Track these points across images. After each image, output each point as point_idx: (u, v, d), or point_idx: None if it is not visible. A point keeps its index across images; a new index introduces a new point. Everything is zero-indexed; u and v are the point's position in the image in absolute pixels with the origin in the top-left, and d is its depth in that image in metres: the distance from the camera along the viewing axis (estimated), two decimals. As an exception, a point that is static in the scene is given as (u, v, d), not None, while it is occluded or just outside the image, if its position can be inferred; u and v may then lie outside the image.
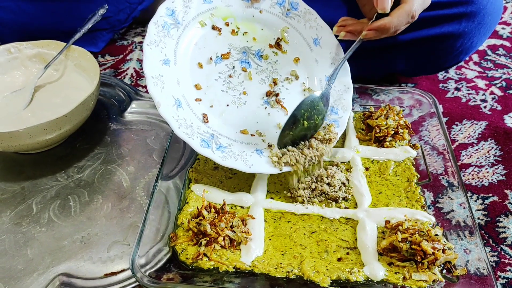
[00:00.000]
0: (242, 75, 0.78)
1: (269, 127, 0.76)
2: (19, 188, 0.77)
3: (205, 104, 0.73)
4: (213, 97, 0.74)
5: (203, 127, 0.71)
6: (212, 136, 0.71)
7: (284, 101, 0.78)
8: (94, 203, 0.75)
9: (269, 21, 0.81)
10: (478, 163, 0.85)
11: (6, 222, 0.72)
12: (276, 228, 0.68)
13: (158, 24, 0.70)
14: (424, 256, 0.60)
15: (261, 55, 0.80)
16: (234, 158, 0.70)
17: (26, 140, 0.73)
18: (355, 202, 0.72)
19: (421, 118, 0.85)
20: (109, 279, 0.64)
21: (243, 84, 0.77)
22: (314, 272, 0.61)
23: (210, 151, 0.68)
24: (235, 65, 0.78)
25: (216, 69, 0.76)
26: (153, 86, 0.67)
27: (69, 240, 0.69)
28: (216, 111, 0.74)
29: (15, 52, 0.89)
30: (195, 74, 0.74)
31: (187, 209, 0.69)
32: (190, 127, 0.69)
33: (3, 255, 0.67)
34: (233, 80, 0.77)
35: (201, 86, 0.74)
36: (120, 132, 0.88)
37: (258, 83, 0.79)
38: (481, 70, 1.10)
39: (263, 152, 0.72)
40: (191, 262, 0.62)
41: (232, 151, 0.71)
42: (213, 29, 0.77)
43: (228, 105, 0.75)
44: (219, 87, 0.76)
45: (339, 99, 0.79)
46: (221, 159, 0.68)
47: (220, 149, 0.70)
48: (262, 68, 0.80)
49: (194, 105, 0.72)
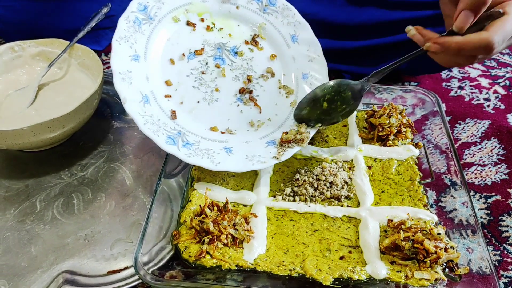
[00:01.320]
0: (216, 72, 0.77)
1: (241, 124, 0.75)
2: (23, 186, 0.77)
3: (175, 101, 0.73)
4: (184, 93, 0.74)
5: (171, 124, 0.70)
6: (179, 133, 0.70)
7: (258, 98, 0.78)
8: (98, 201, 0.75)
9: (246, 17, 0.80)
10: (481, 162, 0.85)
11: (10, 219, 0.72)
12: (279, 227, 0.68)
13: (129, 20, 0.70)
14: (426, 255, 0.60)
15: (236, 51, 0.79)
16: (201, 156, 0.69)
17: (30, 138, 0.73)
18: (357, 200, 0.72)
19: (424, 117, 0.85)
20: (112, 276, 0.64)
21: (216, 81, 0.77)
22: (317, 271, 0.61)
23: (175, 148, 0.68)
24: (208, 61, 0.77)
25: (189, 66, 0.76)
26: (120, 82, 0.66)
27: (72, 238, 0.69)
28: (186, 107, 0.73)
29: (19, 51, 0.90)
30: (166, 70, 0.74)
31: (190, 207, 0.69)
32: (156, 124, 0.68)
33: (7, 252, 0.67)
34: (206, 77, 0.76)
35: (172, 82, 0.73)
36: (123, 130, 0.88)
37: (232, 80, 0.78)
38: (484, 69, 1.09)
39: (231, 150, 0.72)
40: (194, 260, 0.62)
41: (199, 149, 0.70)
42: (187, 25, 0.77)
43: (199, 102, 0.74)
44: (190, 84, 0.75)
45: None
46: (186, 156, 0.68)
47: (186, 146, 0.69)
48: (237, 65, 0.79)
49: (162, 101, 0.71)
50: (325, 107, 0.69)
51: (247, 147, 0.73)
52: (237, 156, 0.71)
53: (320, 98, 0.69)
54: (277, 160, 0.71)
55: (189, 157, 0.68)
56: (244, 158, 0.71)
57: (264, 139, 0.74)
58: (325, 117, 0.71)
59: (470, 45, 0.64)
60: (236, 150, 0.72)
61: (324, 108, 0.69)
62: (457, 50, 0.64)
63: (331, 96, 0.69)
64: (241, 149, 0.72)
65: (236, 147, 0.72)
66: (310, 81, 0.80)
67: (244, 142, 0.73)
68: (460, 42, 0.64)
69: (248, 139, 0.74)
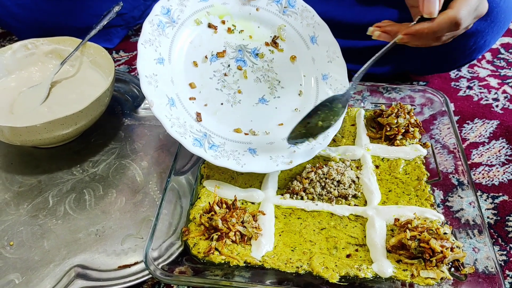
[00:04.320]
0: (238, 74, 0.78)
1: (264, 126, 0.76)
2: (36, 181, 0.79)
3: (199, 103, 0.73)
4: (208, 95, 0.74)
5: (196, 126, 0.71)
6: (205, 135, 0.71)
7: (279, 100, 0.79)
8: (109, 197, 0.76)
9: (266, 19, 0.81)
10: (489, 162, 0.85)
11: (23, 214, 0.74)
12: (286, 224, 0.69)
13: (153, 23, 0.70)
14: (432, 254, 0.60)
15: (257, 53, 0.80)
16: (227, 157, 0.70)
17: (43, 134, 0.75)
18: (364, 199, 0.73)
19: (432, 117, 0.85)
20: (123, 271, 0.66)
21: (238, 83, 0.77)
22: (323, 268, 0.61)
23: (202, 150, 0.68)
24: (230, 63, 0.78)
25: (211, 68, 0.76)
26: (147, 85, 0.67)
27: (84, 233, 0.71)
28: (210, 109, 0.74)
29: (32, 48, 0.91)
30: (190, 73, 0.74)
31: (199, 204, 0.70)
32: (183, 126, 0.69)
33: (20, 246, 0.69)
34: (228, 79, 0.77)
35: (196, 84, 0.74)
36: (134, 127, 0.89)
37: (254, 81, 0.79)
38: (493, 69, 1.09)
39: (256, 151, 0.72)
40: (202, 256, 0.63)
41: (224, 150, 0.71)
42: (209, 27, 0.77)
43: (222, 104, 0.75)
44: (213, 86, 0.76)
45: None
46: (213, 158, 0.69)
47: (212, 148, 0.70)
48: (258, 67, 0.79)
49: (188, 103, 0.72)
50: (320, 125, 0.71)
51: (271, 148, 0.74)
52: (262, 157, 0.72)
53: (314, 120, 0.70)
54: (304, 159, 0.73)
55: (216, 158, 0.69)
56: (269, 159, 0.72)
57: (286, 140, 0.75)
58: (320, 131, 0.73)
59: (441, 27, 0.66)
60: (260, 151, 0.73)
61: (318, 126, 0.71)
62: (430, 34, 0.66)
63: (325, 115, 0.71)
64: (265, 150, 0.73)
65: (260, 148, 0.73)
66: (329, 82, 0.80)
67: (267, 143, 0.74)
68: (431, 26, 0.66)
69: (271, 140, 0.75)
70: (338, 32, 0.99)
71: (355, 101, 0.91)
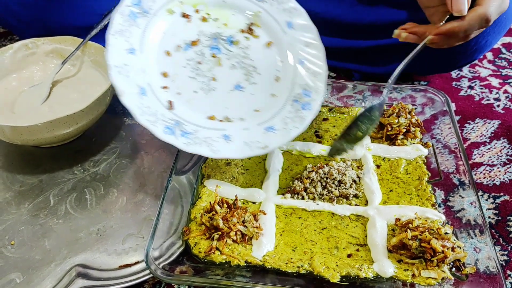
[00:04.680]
0: (212, 61, 0.77)
1: (239, 112, 0.75)
2: (37, 181, 0.79)
3: (172, 92, 0.73)
4: (181, 84, 0.74)
5: (168, 114, 0.70)
6: (177, 123, 0.70)
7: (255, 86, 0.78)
8: (110, 196, 0.76)
9: (241, 6, 0.80)
10: (490, 162, 0.85)
11: (24, 213, 0.74)
12: (287, 224, 0.69)
13: (124, 14, 0.70)
14: (433, 254, 0.60)
15: (232, 40, 0.79)
16: (199, 144, 0.69)
17: (44, 134, 0.75)
18: (365, 199, 0.72)
19: (433, 117, 0.85)
20: (124, 270, 0.66)
21: (212, 70, 0.76)
22: (324, 268, 0.61)
23: (173, 137, 0.68)
24: (204, 51, 0.77)
25: (185, 57, 0.76)
26: (117, 75, 0.67)
27: (85, 232, 0.71)
28: (184, 98, 0.73)
29: (33, 48, 0.91)
30: (163, 62, 0.74)
31: (200, 203, 0.70)
32: (154, 115, 0.68)
33: (21, 245, 0.69)
34: (202, 67, 0.76)
35: (169, 74, 0.73)
36: (135, 127, 0.89)
37: (229, 68, 0.77)
38: (495, 69, 1.09)
39: (230, 138, 0.71)
40: (203, 255, 0.63)
41: (197, 137, 0.70)
42: (182, 17, 0.76)
43: (196, 92, 0.74)
44: (187, 74, 0.75)
45: (313, 81, 0.78)
46: (185, 145, 0.68)
47: (184, 135, 0.69)
48: (233, 54, 0.78)
49: (160, 92, 0.72)
50: (360, 136, 0.70)
51: (246, 134, 0.73)
52: (236, 143, 0.71)
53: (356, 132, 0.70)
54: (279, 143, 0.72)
55: (188, 145, 0.68)
56: (243, 145, 0.71)
57: (262, 125, 0.74)
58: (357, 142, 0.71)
59: (472, 24, 0.65)
60: (234, 137, 0.72)
61: (358, 137, 0.70)
62: (461, 33, 0.65)
63: (365, 125, 0.70)
64: (240, 136, 0.72)
65: (234, 134, 0.72)
66: (307, 66, 0.79)
67: (243, 129, 0.74)
68: (462, 25, 0.65)
69: (247, 126, 0.74)
70: (339, 32, 0.99)
71: (356, 101, 0.91)
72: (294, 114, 0.76)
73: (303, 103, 0.77)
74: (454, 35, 0.67)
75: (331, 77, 1.06)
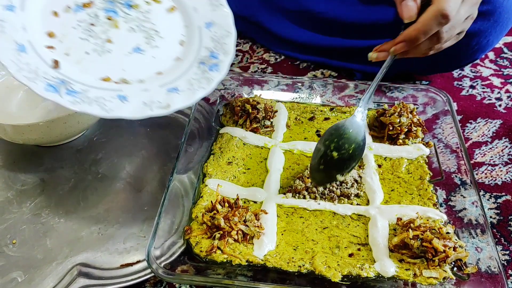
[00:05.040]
0: (107, 24, 0.74)
1: (138, 75, 0.72)
2: (38, 179, 0.79)
3: (59, 52, 0.70)
4: (70, 45, 0.71)
5: (52, 73, 0.67)
6: (62, 81, 0.66)
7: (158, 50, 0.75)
8: (111, 195, 0.76)
9: None
10: (492, 161, 0.85)
11: (26, 212, 0.74)
12: (289, 223, 0.69)
13: None
14: (435, 254, 0.60)
15: (131, 4, 0.76)
16: (88, 103, 0.65)
17: (46, 133, 0.75)
18: (367, 199, 0.72)
19: (435, 116, 0.85)
20: (125, 269, 0.66)
21: (108, 33, 0.74)
22: (326, 267, 0.62)
23: (57, 95, 0.64)
24: (98, 14, 0.74)
25: (75, 18, 0.73)
26: None
27: (86, 231, 0.71)
28: (73, 59, 0.70)
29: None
30: (49, 22, 0.71)
31: (202, 203, 0.70)
32: (33, 72, 0.65)
33: (23, 244, 0.69)
34: (96, 29, 0.73)
35: (56, 34, 0.71)
36: (137, 126, 0.89)
37: (127, 31, 0.75)
38: (496, 68, 1.09)
39: (126, 98, 0.68)
40: (205, 254, 0.63)
41: (87, 97, 0.66)
42: None
43: (88, 53, 0.71)
44: (77, 35, 0.72)
45: (220, 44, 0.77)
46: (70, 103, 0.64)
47: (71, 94, 0.65)
48: (132, 17, 0.76)
49: (43, 52, 0.68)
50: (336, 156, 0.68)
51: (146, 94, 0.70)
52: (133, 104, 0.68)
53: (327, 151, 0.68)
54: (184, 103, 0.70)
55: (74, 104, 0.64)
56: (142, 105, 0.68)
57: (164, 87, 0.72)
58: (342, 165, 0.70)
59: (426, 24, 0.64)
60: (132, 98, 0.69)
61: (335, 157, 0.68)
62: (420, 35, 0.65)
63: (336, 144, 0.69)
64: (138, 97, 0.69)
65: (132, 95, 0.69)
66: (214, 29, 0.78)
67: (141, 91, 0.71)
68: (416, 27, 0.64)
69: (147, 87, 0.71)
70: (340, 31, 0.99)
71: (358, 100, 0.91)
72: (201, 75, 0.74)
73: (211, 65, 0.75)
74: (413, 39, 0.66)
75: (332, 76, 1.06)
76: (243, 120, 0.84)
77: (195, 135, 0.81)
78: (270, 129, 0.85)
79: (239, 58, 1.13)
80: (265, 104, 0.85)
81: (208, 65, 0.75)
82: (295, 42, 1.07)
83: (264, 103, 0.85)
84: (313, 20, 1.02)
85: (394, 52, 0.68)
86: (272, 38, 1.11)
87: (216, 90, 0.90)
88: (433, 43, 0.69)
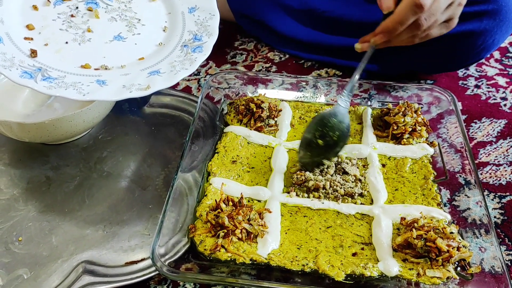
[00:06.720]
0: (87, 14, 0.75)
1: (119, 61, 0.73)
2: (44, 177, 0.79)
3: (38, 43, 0.71)
4: (50, 36, 0.72)
5: (29, 61, 0.68)
6: (39, 69, 0.67)
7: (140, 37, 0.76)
8: (116, 193, 0.77)
9: None
10: (496, 161, 0.85)
11: (32, 210, 0.74)
12: (292, 222, 0.69)
13: None
14: (438, 253, 0.61)
15: None
16: (65, 88, 0.66)
17: (52, 131, 0.75)
18: (371, 198, 0.73)
19: (440, 116, 0.85)
20: (130, 267, 0.66)
21: (88, 23, 0.74)
22: (329, 266, 0.62)
23: (32, 81, 0.65)
24: (79, 6, 0.75)
25: (55, 11, 0.74)
26: None
27: (91, 229, 0.71)
28: (52, 48, 0.71)
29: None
30: (28, 16, 0.72)
31: (206, 201, 0.71)
32: (9, 60, 0.66)
33: (29, 241, 0.70)
34: (76, 20, 0.74)
35: (35, 26, 0.71)
36: (141, 124, 0.90)
37: (108, 21, 0.76)
38: (502, 68, 1.08)
39: (105, 82, 0.69)
40: (209, 253, 0.64)
41: (63, 82, 0.67)
42: None
43: (67, 43, 0.72)
44: (57, 27, 0.73)
45: (204, 26, 0.78)
46: (46, 88, 0.65)
47: (47, 80, 0.66)
48: (113, 8, 0.77)
49: (21, 42, 0.69)
50: (322, 143, 0.72)
51: (125, 78, 0.71)
52: (112, 87, 0.68)
53: (312, 140, 0.72)
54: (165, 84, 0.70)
55: (50, 89, 0.65)
56: (121, 87, 0.69)
57: (146, 70, 0.73)
58: (328, 151, 0.74)
59: (402, 14, 0.67)
60: (111, 82, 0.69)
61: (321, 144, 0.72)
62: (396, 26, 0.68)
63: (320, 132, 0.72)
64: (117, 80, 0.70)
65: (111, 79, 0.70)
66: (197, 13, 0.79)
67: (121, 75, 0.71)
68: (392, 17, 0.68)
69: (127, 72, 0.72)
70: (345, 30, 0.99)
71: (362, 100, 0.91)
72: (184, 57, 0.74)
73: (194, 47, 0.76)
74: (393, 30, 0.68)
75: (337, 75, 1.06)
76: (248, 119, 0.84)
77: (200, 134, 0.81)
78: (274, 128, 0.85)
79: (243, 57, 1.13)
80: (270, 103, 0.85)
81: (192, 47, 0.76)
82: (299, 41, 1.07)
83: (268, 102, 0.85)
84: (317, 19, 1.02)
85: (375, 43, 0.71)
86: (277, 37, 1.11)
87: (221, 89, 0.90)
88: (414, 31, 0.71)
